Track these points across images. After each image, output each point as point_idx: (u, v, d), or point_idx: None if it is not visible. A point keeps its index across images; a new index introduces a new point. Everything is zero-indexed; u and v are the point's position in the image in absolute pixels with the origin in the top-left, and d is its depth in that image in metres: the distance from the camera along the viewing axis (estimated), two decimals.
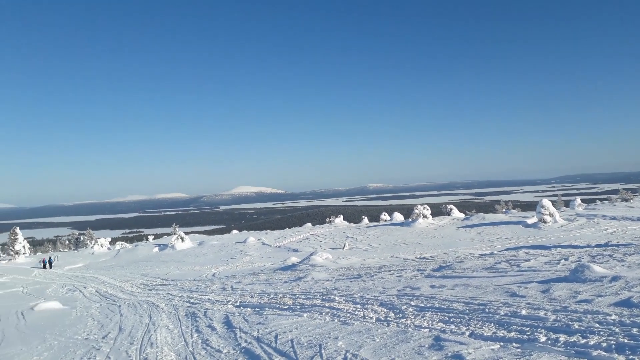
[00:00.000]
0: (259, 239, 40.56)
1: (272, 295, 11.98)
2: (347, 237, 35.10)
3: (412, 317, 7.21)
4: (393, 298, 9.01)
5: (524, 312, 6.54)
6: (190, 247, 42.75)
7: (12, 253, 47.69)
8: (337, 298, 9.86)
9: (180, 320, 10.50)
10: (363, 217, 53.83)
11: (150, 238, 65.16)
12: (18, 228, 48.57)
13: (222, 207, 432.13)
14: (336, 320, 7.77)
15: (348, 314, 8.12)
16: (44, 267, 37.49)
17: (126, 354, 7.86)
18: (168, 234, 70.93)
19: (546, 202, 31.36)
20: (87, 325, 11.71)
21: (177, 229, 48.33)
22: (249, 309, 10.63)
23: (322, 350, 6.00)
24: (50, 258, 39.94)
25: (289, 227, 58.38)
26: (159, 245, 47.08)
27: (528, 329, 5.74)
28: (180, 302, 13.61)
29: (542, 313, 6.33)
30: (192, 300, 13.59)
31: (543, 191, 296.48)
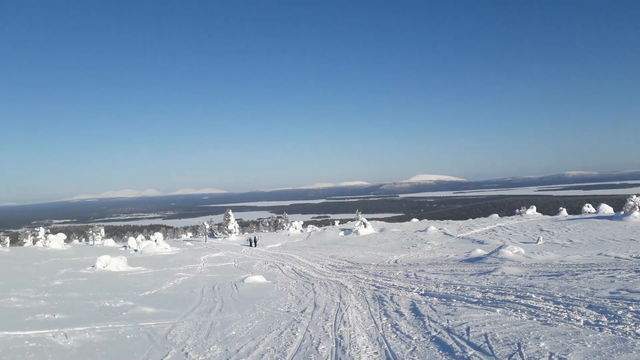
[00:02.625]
0: (440, 229, 39.72)
1: (458, 287, 11.62)
2: (541, 230, 31.94)
3: (632, 325, 6.20)
4: (605, 301, 7.87)
5: None
6: (372, 233, 44.18)
7: (226, 232, 56.06)
8: (533, 295, 9.06)
9: (368, 303, 10.96)
10: (561, 208, 48.22)
11: (336, 223, 69.26)
12: (230, 211, 56.77)
13: (401, 195, 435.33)
14: (535, 320, 7.14)
15: (549, 314, 7.39)
16: (250, 245, 43.10)
17: (323, 329, 8.53)
18: (351, 220, 74.42)
19: None
20: (287, 300, 13.05)
21: (360, 215, 50.40)
22: (435, 298, 10.51)
23: (522, 350, 5.58)
24: (255, 237, 45.71)
25: (472, 218, 55.76)
26: (344, 229, 49.79)
27: None
28: (366, 285, 14.19)
29: None
30: (377, 285, 14.04)
31: None
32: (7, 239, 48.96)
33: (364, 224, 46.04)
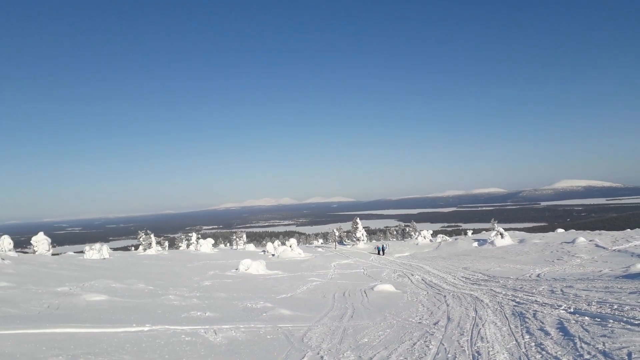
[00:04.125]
0: (590, 240, 35.51)
1: (615, 306, 10.27)
2: None
3: None
4: None
5: None
6: (510, 244, 41.20)
7: (354, 239, 57.01)
8: None
9: (507, 319, 10.25)
10: None
11: (469, 232, 66.06)
12: (358, 218, 57.66)
13: (543, 203, 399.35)
14: None
15: None
16: (378, 253, 43.21)
17: (458, 344, 8.20)
18: (486, 230, 70.31)
19: None
20: (418, 310, 12.81)
21: (496, 224, 47.42)
22: (586, 317, 9.43)
23: None
24: (383, 246, 45.75)
25: (631, 228, 48.88)
26: (477, 240, 47.25)
27: None
28: (504, 300, 13.29)
29: None
30: (517, 300, 13.06)
31: None
32: (166, 243, 55.89)
33: (501, 234, 43.16)
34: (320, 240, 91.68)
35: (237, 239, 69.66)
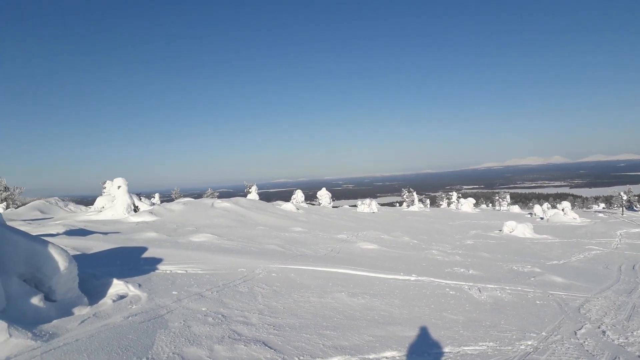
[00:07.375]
0: None
1: None
2: None
3: None
4: None
5: None
6: None
7: None
8: None
9: None
10: None
11: None
12: None
13: None
14: None
15: None
16: None
17: None
18: None
19: None
20: None
21: None
22: None
23: None
24: None
25: None
26: None
27: None
28: None
29: None
30: None
31: None
32: (427, 201, 57.72)
33: None
34: (602, 205, 79.07)
35: (500, 200, 66.55)
